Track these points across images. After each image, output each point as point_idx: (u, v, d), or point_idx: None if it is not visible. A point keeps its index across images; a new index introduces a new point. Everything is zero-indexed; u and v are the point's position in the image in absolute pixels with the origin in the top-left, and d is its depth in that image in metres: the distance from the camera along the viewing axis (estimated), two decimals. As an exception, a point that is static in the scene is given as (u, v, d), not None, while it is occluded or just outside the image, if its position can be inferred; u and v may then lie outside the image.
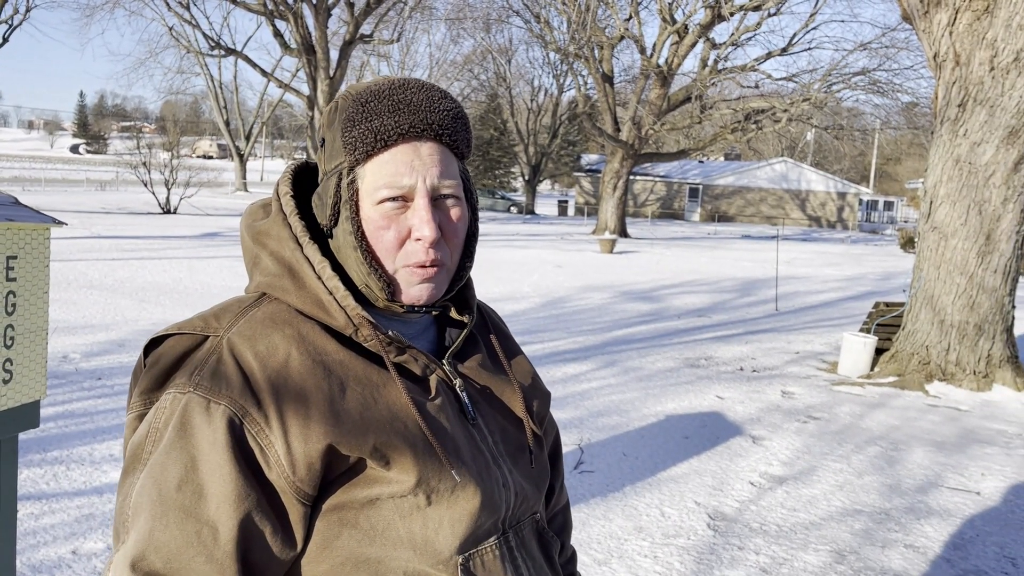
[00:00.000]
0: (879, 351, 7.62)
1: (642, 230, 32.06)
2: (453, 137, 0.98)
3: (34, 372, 2.09)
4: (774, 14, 24.96)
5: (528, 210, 43.51)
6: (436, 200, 0.97)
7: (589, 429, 5.35)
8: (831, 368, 7.60)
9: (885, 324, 7.85)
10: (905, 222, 49.29)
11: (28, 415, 2.09)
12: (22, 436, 4.43)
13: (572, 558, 1.28)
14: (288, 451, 0.88)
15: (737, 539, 3.76)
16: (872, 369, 7.38)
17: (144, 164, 26.17)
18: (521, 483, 1.05)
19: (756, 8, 24.32)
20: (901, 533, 3.93)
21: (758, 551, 3.64)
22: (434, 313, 1.06)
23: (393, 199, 0.94)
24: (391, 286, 0.97)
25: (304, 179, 1.08)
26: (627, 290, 12.73)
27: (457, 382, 1.03)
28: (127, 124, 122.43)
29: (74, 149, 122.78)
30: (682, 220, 45.32)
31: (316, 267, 0.96)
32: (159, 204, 25.82)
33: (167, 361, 0.94)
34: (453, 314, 1.08)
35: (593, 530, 3.78)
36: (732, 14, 24.27)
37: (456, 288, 1.03)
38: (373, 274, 0.96)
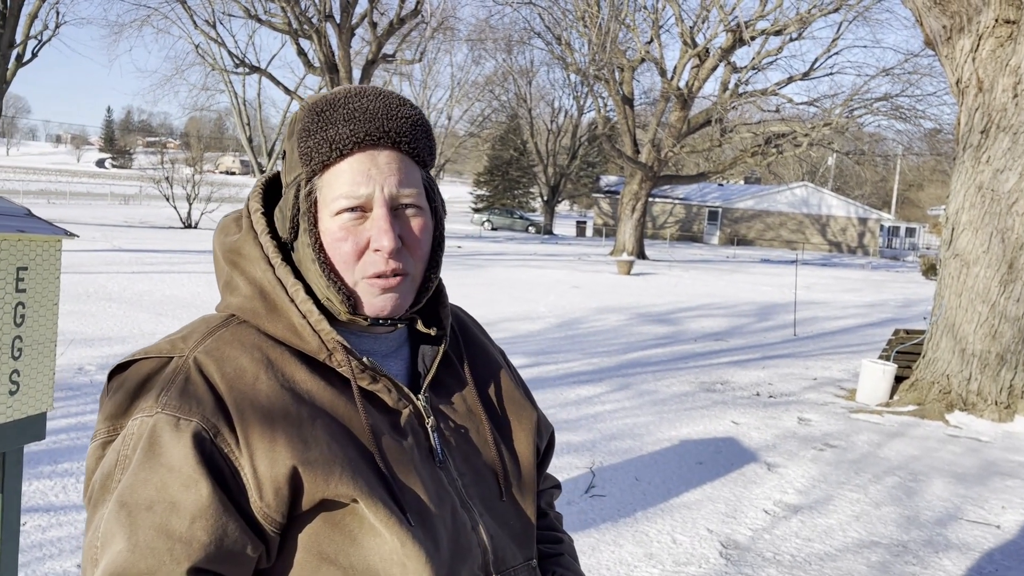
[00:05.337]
0: (899, 379, 7.51)
1: (660, 252, 31.97)
2: (413, 145, 0.94)
3: (41, 384, 2.08)
4: (796, 39, 24.99)
5: (546, 230, 43.57)
6: (396, 210, 0.93)
7: (601, 452, 5.29)
8: (849, 395, 7.50)
9: (905, 352, 7.73)
10: (927, 249, 48.82)
11: (34, 427, 2.08)
12: (32, 447, 4.44)
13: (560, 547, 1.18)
14: (255, 475, 0.85)
15: (750, 568, 3.69)
16: (891, 397, 7.27)
17: (167, 179, 26.51)
18: (494, 527, 1.00)
19: (778, 33, 24.35)
20: (919, 566, 3.84)
21: (771, 582, 3.57)
22: (399, 326, 1.02)
23: (351, 210, 0.91)
24: (352, 299, 0.94)
25: (276, 193, 1.04)
26: (644, 312, 12.66)
27: (430, 421, 0.98)
28: (152, 139, 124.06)
29: (100, 163, 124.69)
30: (701, 243, 45.17)
31: (289, 290, 0.93)
32: (181, 219, 26.10)
33: (131, 384, 0.90)
34: (420, 327, 1.03)
35: (603, 556, 3.72)
36: (753, 38, 24.32)
37: (423, 300, 0.99)
38: (332, 287, 0.93)
